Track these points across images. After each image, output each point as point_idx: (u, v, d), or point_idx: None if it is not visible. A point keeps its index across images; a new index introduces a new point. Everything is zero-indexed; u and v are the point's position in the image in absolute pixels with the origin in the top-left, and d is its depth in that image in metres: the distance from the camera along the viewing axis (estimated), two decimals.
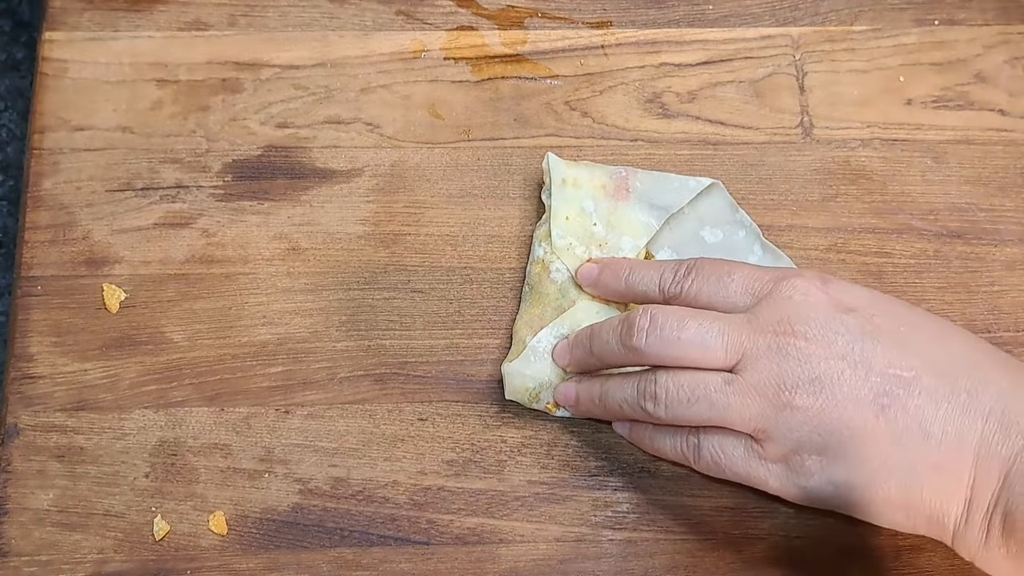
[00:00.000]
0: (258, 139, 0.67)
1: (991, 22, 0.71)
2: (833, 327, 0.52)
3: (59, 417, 0.61)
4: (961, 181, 0.67)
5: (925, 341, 0.52)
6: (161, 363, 0.62)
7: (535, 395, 0.60)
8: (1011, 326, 0.64)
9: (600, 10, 0.71)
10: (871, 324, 0.52)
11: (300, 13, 0.70)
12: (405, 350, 0.63)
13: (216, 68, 0.68)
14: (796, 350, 0.52)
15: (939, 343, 0.52)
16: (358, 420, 0.61)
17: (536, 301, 0.61)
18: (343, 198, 0.66)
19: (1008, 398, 0.50)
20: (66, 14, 0.69)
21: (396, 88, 0.68)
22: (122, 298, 0.63)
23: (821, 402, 0.51)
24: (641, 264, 0.60)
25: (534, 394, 0.60)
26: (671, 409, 0.54)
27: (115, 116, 0.67)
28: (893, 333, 0.52)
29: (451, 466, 0.61)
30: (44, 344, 0.62)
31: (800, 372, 0.51)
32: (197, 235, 0.65)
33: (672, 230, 0.63)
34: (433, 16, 0.70)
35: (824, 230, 0.66)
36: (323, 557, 0.59)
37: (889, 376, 0.51)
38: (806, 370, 0.51)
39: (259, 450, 0.61)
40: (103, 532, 0.59)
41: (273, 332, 0.63)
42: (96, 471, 0.60)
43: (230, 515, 0.60)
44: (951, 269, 0.65)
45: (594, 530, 0.60)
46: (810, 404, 0.51)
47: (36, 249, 0.64)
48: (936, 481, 0.50)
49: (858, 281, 0.64)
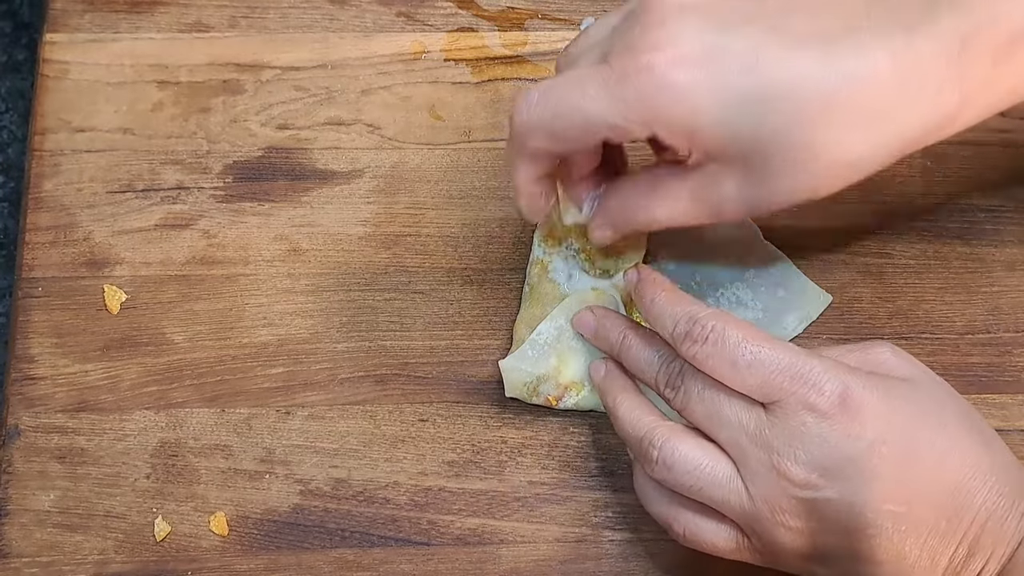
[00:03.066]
0: (259, 140, 0.67)
1: None
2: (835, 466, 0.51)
3: (60, 418, 0.61)
4: (961, 181, 0.67)
5: (927, 469, 0.51)
6: (162, 364, 0.62)
7: (534, 388, 0.60)
8: (1011, 326, 0.64)
9: (600, 11, 0.71)
10: (878, 456, 0.50)
11: (301, 15, 0.70)
12: (406, 351, 0.63)
13: (217, 70, 0.68)
14: (789, 485, 0.51)
15: (938, 468, 0.51)
16: (359, 421, 0.61)
17: (536, 301, 0.61)
18: (344, 199, 0.66)
19: (986, 519, 0.51)
20: (67, 16, 0.69)
21: (397, 89, 0.68)
22: (123, 299, 0.63)
23: (808, 528, 0.51)
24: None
25: (532, 387, 0.60)
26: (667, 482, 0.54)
27: (116, 118, 0.67)
28: (896, 463, 0.51)
29: (452, 467, 0.61)
30: (45, 345, 0.62)
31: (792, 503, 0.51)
32: (198, 236, 0.65)
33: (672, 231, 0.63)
34: (433, 18, 0.70)
35: (824, 231, 0.66)
36: (324, 558, 0.59)
37: (882, 512, 0.50)
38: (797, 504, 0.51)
39: (260, 451, 0.61)
40: (104, 533, 0.59)
41: (274, 333, 0.63)
42: (97, 472, 0.60)
43: (231, 516, 0.60)
44: (951, 269, 0.65)
45: (595, 531, 0.60)
46: (800, 528, 0.52)
47: (37, 250, 0.64)
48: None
49: (858, 282, 0.65)
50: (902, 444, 0.51)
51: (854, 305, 0.64)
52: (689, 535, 0.54)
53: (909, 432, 0.51)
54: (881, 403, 0.51)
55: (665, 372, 0.55)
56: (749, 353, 0.52)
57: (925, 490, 0.51)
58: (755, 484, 0.52)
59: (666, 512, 0.55)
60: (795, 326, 0.63)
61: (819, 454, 0.51)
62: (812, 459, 0.51)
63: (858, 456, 0.50)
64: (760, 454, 0.51)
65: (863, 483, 0.50)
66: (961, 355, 0.63)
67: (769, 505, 0.52)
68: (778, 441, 0.51)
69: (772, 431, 0.51)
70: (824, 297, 0.64)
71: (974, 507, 0.51)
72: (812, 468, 0.51)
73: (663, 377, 0.55)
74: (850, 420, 0.51)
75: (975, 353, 0.64)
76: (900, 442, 0.51)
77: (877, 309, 0.64)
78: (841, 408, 0.51)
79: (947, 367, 0.63)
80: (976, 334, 0.64)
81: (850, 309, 0.64)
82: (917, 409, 0.52)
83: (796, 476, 0.51)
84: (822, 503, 0.51)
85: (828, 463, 0.51)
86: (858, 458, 0.50)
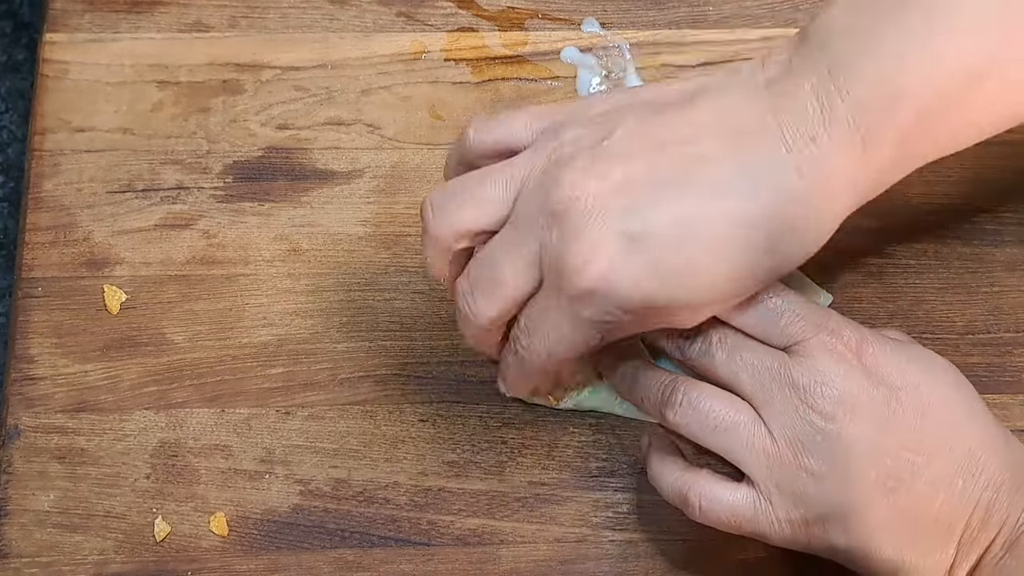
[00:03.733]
0: (259, 140, 0.67)
1: None
2: (858, 403, 0.52)
3: (60, 418, 0.61)
4: (961, 181, 0.67)
5: (943, 424, 0.53)
6: (162, 364, 0.62)
7: None
8: (1011, 326, 0.64)
9: (600, 11, 0.71)
10: (896, 401, 0.52)
11: (301, 15, 0.70)
12: (406, 351, 0.63)
13: (217, 69, 0.68)
14: (817, 417, 0.52)
15: (953, 428, 0.53)
16: (359, 421, 0.61)
17: None
18: (344, 199, 0.66)
19: (997, 488, 0.52)
20: (67, 16, 0.69)
21: (397, 89, 0.68)
22: (123, 299, 0.63)
23: (832, 473, 0.52)
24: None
25: None
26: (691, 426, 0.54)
27: (116, 118, 0.67)
28: (915, 412, 0.53)
29: (452, 467, 0.61)
30: (45, 345, 0.62)
31: (816, 440, 0.52)
32: (198, 236, 0.65)
33: None
34: (433, 18, 0.70)
35: None
36: (324, 558, 0.59)
37: (901, 459, 0.52)
38: (822, 441, 0.52)
39: (260, 451, 0.61)
40: (104, 533, 0.59)
41: (274, 333, 0.63)
42: (97, 472, 0.60)
43: (231, 516, 0.60)
44: (951, 269, 0.65)
45: (595, 531, 0.60)
46: (823, 472, 0.52)
47: (37, 250, 0.64)
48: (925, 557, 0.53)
49: (858, 282, 0.64)
50: (918, 397, 0.53)
51: (854, 305, 0.64)
52: (705, 504, 0.54)
53: (924, 389, 0.53)
54: (897, 357, 0.54)
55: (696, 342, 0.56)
56: (776, 298, 0.54)
57: (942, 445, 0.52)
58: (779, 424, 0.52)
59: (682, 483, 0.55)
60: None
61: (843, 389, 0.52)
62: (837, 394, 0.52)
63: (879, 399, 0.52)
64: (785, 391, 0.53)
65: (884, 424, 0.52)
66: (961, 355, 0.63)
67: (793, 447, 0.52)
68: (804, 379, 0.52)
69: (796, 370, 0.53)
70: (824, 297, 0.64)
71: (989, 471, 0.52)
72: (837, 403, 0.52)
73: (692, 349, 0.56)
74: (867, 366, 0.53)
75: (975, 353, 0.64)
76: (916, 395, 0.53)
77: (877, 309, 0.64)
78: (859, 354, 0.53)
79: None
80: (976, 334, 0.64)
81: (850, 309, 0.64)
82: (932, 376, 0.54)
83: (823, 408, 0.52)
84: (847, 439, 0.52)
85: (851, 400, 0.52)
86: (879, 401, 0.52)
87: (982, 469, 0.52)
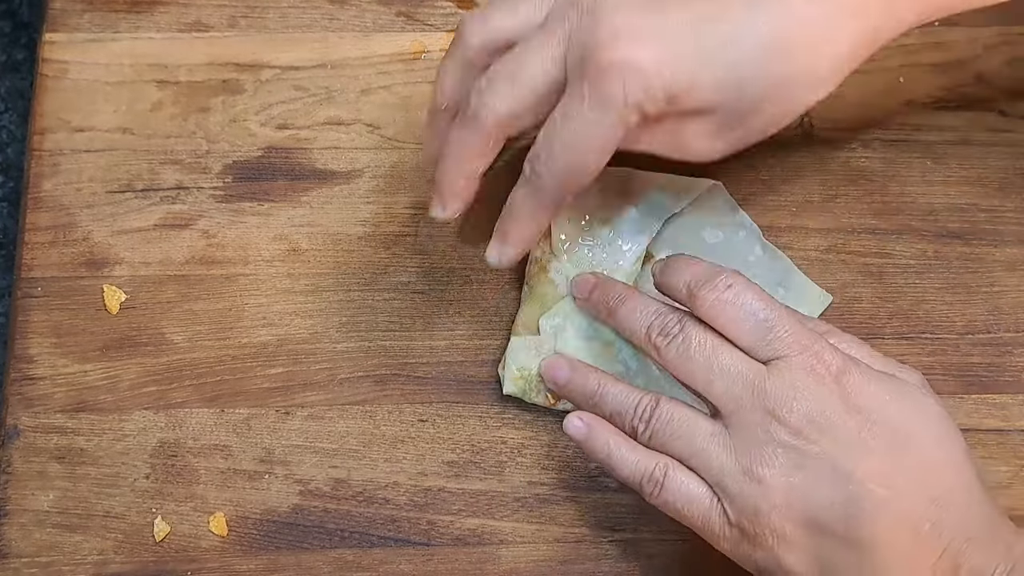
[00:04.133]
0: (258, 140, 0.67)
1: (991, 23, 0.71)
2: (828, 423, 0.51)
3: (59, 418, 0.61)
4: (961, 181, 0.67)
5: (920, 464, 0.51)
6: (161, 364, 0.62)
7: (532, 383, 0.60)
8: (1011, 326, 0.64)
9: None
10: (868, 431, 0.51)
11: (300, 14, 0.70)
12: (405, 351, 0.63)
13: (216, 69, 0.68)
14: (782, 430, 0.51)
15: (929, 470, 0.51)
16: (358, 421, 0.61)
17: (535, 302, 0.61)
18: (343, 199, 0.66)
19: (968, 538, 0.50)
20: (66, 15, 0.69)
21: (396, 89, 0.68)
22: (122, 299, 0.63)
23: (792, 488, 0.51)
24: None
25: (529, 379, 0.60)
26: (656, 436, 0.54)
27: (115, 117, 0.67)
28: (888, 446, 0.51)
29: (451, 467, 0.61)
30: (44, 345, 0.62)
31: (777, 454, 0.51)
32: (197, 236, 0.65)
33: (673, 231, 0.63)
34: (433, 17, 0.70)
35: (824, 231, 0.66)
36: (323, 558, 0.59)
37: (865, 490, 0.50)
38: (783, 455, 0.51)
39: (259, 451, 0.61)
40: (103, 533, 0.59)
41: (273, 333, 0.63)
42: (96, 472, 0.60)
43: (230, 516, 0.60)
44: (951, 269, 0.65)
45: (594, 531, 0.60)
46: (780, 486, 0.51)
47: (36, 250, 0.64)
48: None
49: (858, 282, 0.65)
50: (895, 431, 0.51)
51: (854, 305, 0.64)
52: (666, 488, 0.53)
53: (905, 426, 0.52)
54: (880, 389, 0.52)
55: (661, 322, 0.55)
56: (768, 309, 0.53)
57: (913, 484, 0.51)
58: (743, 435, 0.52)
59: (648, 463, 0.54)
60: None
61: (814, 407, 0.51)
62: (806, 410, 0.51)
63: (851, 425, 0.51)
64: (756, 401, 0.52)
65: (850, 450, 0.51)
66: (961, 355, 0.63)
67: (751, 457, 0.51)
68: (776, 391, 0.52)
69: (771, 382, 0.52)
70: (824, 297, 0.64)
71: (963, 519, 0.50)
72: (805, 419, 0.51)
73: (659, 325, 0.55)
74: (846, 392, 0.52)
75: (975, 353, 0.64)
76: (893, 429, 0.51)
77: (877, 309, 0.64)
78: (838, 379, 0.52)
79: (947, 367, 0.63)
80: (976, 334, 0.64)
81: (850, 309, 0.64)
82: (917, 415, 0.52)
83: (790, 422, 0.51)
84: (810, 457, 0.51)
85: (822, 420, 0.51)
86: (850, 427, 0.51)
87: (956, 517, 0.50)
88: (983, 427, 0.62)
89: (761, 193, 0.66)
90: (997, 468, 0.61)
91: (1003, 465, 0.62)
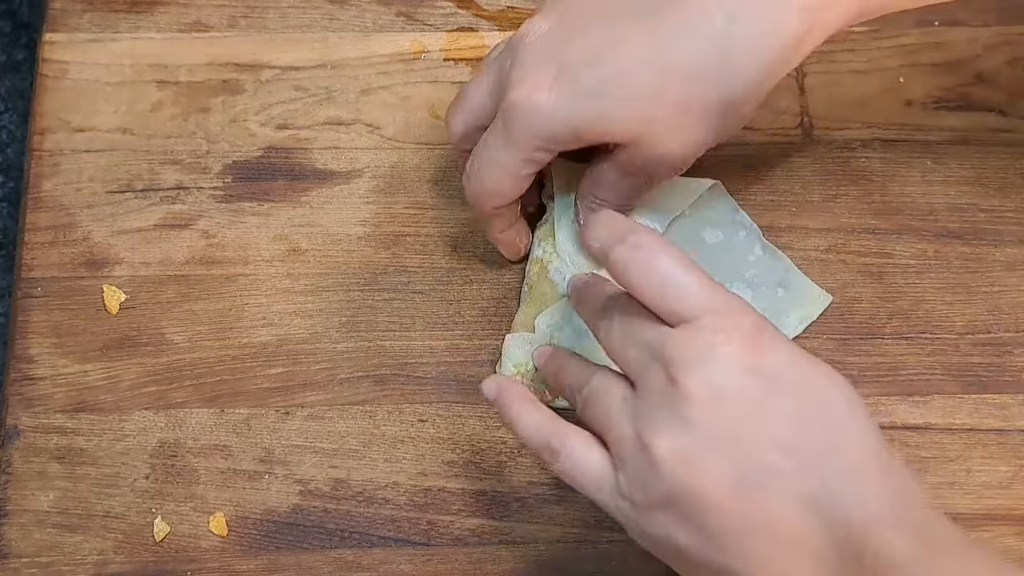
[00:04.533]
0: (258, 140, 0.67)
1: (991, 23, 0.71)
2: (728, 390, 0.49)
3: (59, 418, 0.61)
4: (961, 181, 0.67)
5: (825, 432, 0.49)
6: (161, 364, 0.62)
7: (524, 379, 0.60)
8: (1011, 326, 0.64)
9: None
10: (774, 396, 0.49)
11: (300, 15, 0.70)
12: (405, 351, 0.63)
13: (216, 69, 0.68)
14: (679, 396, 0.49)
15: (836, 438, 0.49)
16: (358, 421, 0.61)
17: (535, 301, 0.61)
18: (343, 199, 0.66)
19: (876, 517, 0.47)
20: (66, 16, 0.69)
21: (396, 89, 0.68)
22: (122, 299, 0.63)
23: (680, 459, 0.48)
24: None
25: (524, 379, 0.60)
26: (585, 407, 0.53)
27: (115, 117, 0.67)
28: (793, 413, 0.49)
29: (451, 467, 0.61)
30: (44, 345, 0.62)
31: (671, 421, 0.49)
32: (197, 236, 0.65)
33: (673, 231, 0.63)
34: (433, 17, 0.70)
35: (824, 230, 0.66)
36: (323, 558, 0.59)
37: (763, 464, 0.48)
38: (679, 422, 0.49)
39: (259, 451, 0.61)
40: (103, 533, 0.59)
41: (273, 333, 0.63)
42: (96, 472, 0.60)
43: (230, 516, 0.60)
44: (951, 269, 0.65)
45: (594, 531, 0.60)
46: (668, 456, 0.49)
47: (36, 250, 0.64)
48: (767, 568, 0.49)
49: (858, 282, 0.65)
50: (802, 397, 0.49)
51: (854, 305, 0.64)
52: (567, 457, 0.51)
53: (813, 393, 0.49)
54: (791, 356, 0.50)
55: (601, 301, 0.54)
56: (679, 271, 0.51)
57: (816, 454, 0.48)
58: (643, 402, 0.50)
59: (550, 430, 0.52)
60: (795, 326, 0.63)
61: (716, 372, 0.49)
62: (707, 376, 0.49)
63: (754, 390, 0.48)
64: (658, 366, 0.49)
65: (752, 417, 0.48)
66: (961, 355, 0.63)
67: (649, 423, 0.49)
68: (678, 355, 0.49)
69: (673, 346, 0.49)
70: (824, 297, 0.64)
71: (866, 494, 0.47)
72: (705, 384, 0.48)
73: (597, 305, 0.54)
74: (754, 356, 0.49)
75: (975, 353, 0.63)
76: (800, 395, 0.49)
77: (877, 309, 0.64)
78: (748, 342, 0.49)
79: (947, 367, 0.63)
80: (976, 334, 0.64)
81: (850, 309, 0.64)
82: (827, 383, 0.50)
83: (688, 387, 0.48)
84: (706, 425, 0.48)
85: (722, 384, 0.48)
86: (754, 392, 0.48)
87: (858, 491, 0.47)
88: (983, 427, 0.62)
89: (761, 193, 0.66)
90: (997, 468, 0.61)
91: (1003, 465, 0.61)
